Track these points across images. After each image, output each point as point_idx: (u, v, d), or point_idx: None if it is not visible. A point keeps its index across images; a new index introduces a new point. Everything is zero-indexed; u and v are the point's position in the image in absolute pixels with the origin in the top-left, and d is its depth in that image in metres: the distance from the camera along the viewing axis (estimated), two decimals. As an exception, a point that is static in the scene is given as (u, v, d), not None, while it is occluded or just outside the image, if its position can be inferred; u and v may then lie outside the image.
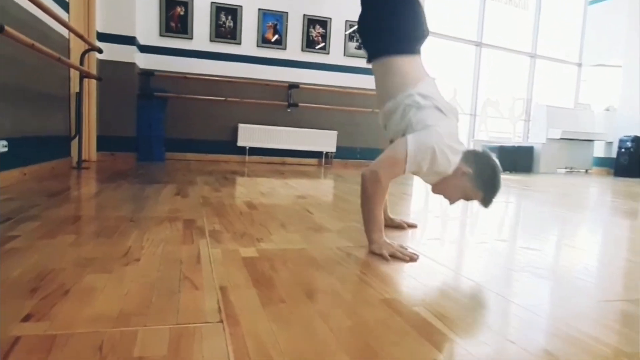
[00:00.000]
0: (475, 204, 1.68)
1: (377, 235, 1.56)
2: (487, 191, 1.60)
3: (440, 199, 1.77)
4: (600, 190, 5.16)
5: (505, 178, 5.73)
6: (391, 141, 1.73)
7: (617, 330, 0.99)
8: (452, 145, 1.58)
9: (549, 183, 5.57)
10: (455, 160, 1.58)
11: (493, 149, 7.13)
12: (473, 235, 2.06)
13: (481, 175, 1.58)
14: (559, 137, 7.29)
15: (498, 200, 1.78)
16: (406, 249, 1.54)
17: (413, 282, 1.27)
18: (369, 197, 1.57)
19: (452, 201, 1.68)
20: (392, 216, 2.06)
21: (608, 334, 0.96)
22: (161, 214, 2.02)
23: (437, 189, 1.69)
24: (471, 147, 1.69)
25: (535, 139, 7.61)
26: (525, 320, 1.02)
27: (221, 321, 0.90)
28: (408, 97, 1.62)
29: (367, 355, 0.79)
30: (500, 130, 8.53)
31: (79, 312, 0.92)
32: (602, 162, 7.95)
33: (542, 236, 2.13)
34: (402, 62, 1.69)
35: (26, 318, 0.88)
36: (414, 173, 1.65)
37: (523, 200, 3.84)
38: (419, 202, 3.30)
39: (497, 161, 1.63)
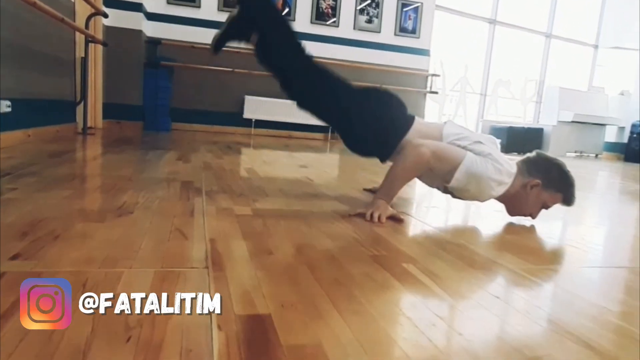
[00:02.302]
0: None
1: (382, 200, 1.50)
2: (564, 189, 1.56)
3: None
4: (609, 174, 5.09)
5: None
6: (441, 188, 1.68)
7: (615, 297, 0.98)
8: (504, 167, 1.51)
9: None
10: (508, 180, 1.52)
11: (502, 129, 7.03)
12: (472, 205, 2.04)
13: (551, 179, 1.55)
14: (570, 119, 7.16)
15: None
16: (397, 214, 1.49)
17: (406, 242, 1.26)
18: (404, 162, 1.49)
19: (534, 215, 1.61)
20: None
21: (608, 300, 0.95)
22: (161, 175, 2.02)
23: (514, 211, 1.63)
24: (525, 157, 1.64)
25: (546, 121, 7.49)
26: (513, 281, 1.01)
27: (206, 267, 0.90)
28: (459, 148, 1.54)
29: (349, 302, 0.79)
30: (510, 111, 8.39)
31: (67, 254, 0.92)
32: (612, 147, 7.82)
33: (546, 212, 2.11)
34: (414, 134, 1.61)
35: (14, 257, 0.88)
36: (455, 190, 1.58)
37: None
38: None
39: (556, 158, 1.62)
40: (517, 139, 6.91)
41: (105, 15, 3.97)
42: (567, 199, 1.56)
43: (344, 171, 2.96)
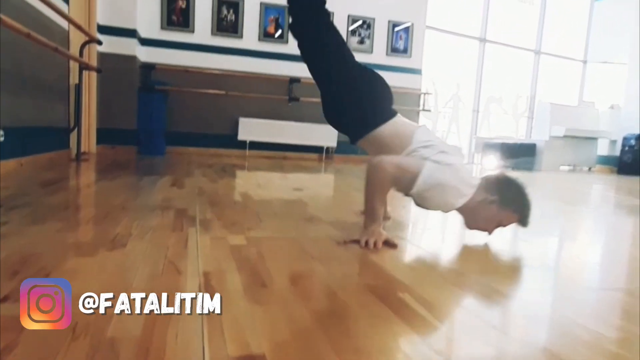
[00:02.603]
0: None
1: (371, 225, 1.49)
2: (520, 211, 1.55)
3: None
4: (603, 187, 5.12)
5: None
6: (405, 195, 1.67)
7: (614, 324, 0.97)
8: (465, 176, 1.55)
9: (551, 180, 5.53)
10: (469, 192, 1.53)
11: (495, 145, 7.09)
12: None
13: (509, 198, 1.55)
14: (562, 134, 7.23)
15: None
16: (391, 238, 1.48)
17: (401, 269, 1.25)
18: (372, 184, 1.52)
19: (490, 232, 1.61)
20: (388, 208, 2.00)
21: (605, 326, 0.94)
22: (154, 203, 2.01)
23: (471, 224, 1.63)
24: (487, 174, 1.65)
25: (538, 136, 7.55)
26: (512, 310, 1.00)
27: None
28: (412, 152, 1.58)
29: (346, 339, 0.78)
30: (503, 127, 8.47)
31: (57, 293, 0.91)
32: (605, 160, 7.88)
33: (540, 231, 2.11)
34: (390, 128, 1.66)
35: (4, 299, 0.87)
36: (417, 199, 1.59)
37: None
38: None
39: (518, 179, 1.62)
40: (511, 155, 6.96)
41: (99, 43, 4.01)
42: (523, 221, 1.56)
43: (338, 193, 2.96)
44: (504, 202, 1.54)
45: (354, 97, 1.69)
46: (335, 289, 1.04)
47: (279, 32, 5.99)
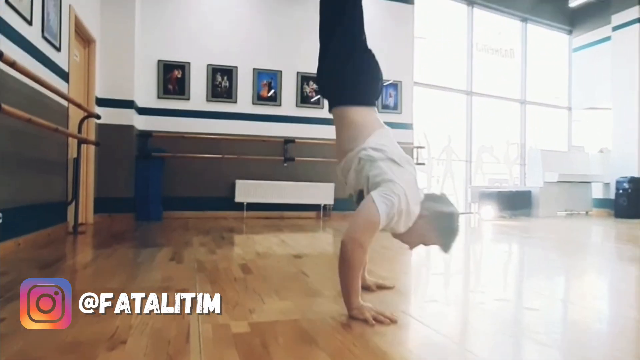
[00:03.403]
0: (479, 259, 1.65)
1: (356, 300, 1.53)
2: (444, 237, 1.62)
3: (430, 252, 1.75)
4: (602, 234, 5.12)
5: (504, 224, 5.72)
6: (350, 195, 1.78)
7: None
8: (414, 194, 1.59)
9: (549, 228, 5.52)
10: (417, 209, 1.60)
11: (492, 194, 7.14)
12: (471, 293, 2.02)
13: (437, 220, 1.61)
14: (555, 180, 7.32)
15: (499, 250, 1.75)
16: (383, 312, 1.50)
17: (408, 357, 1.22)
18: (352, 264, 1.52)
19: (411, 247, 1.70)
20: (366, 275, 1.96)
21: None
22: (153, 284, 1.99)
23: (399, 235, 1.68)
24: (430, 192, 1.71)
25: (533, 183, 7.64)
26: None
27: (205, 417, 0.86)
28: (361, 151, 1.65)
29: None
30: (497, 175, 8.58)
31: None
32: (601, 204, 7.93)
33: (544, 292, 2.09)
34: (360, 114, 1.73)
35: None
36: (383, 228, 1.62)
37: (524, 249, 3.80)
38: (413, 257, 3.26)
39: (453, 205, 1.67)
40: (507, 203, 7.01)
41: (98, 117, 4.11)
42: (445, 245, 1.63)
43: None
44: (432, 222, 1.60)
45: (352, 68, 1.75)
46: (343, 386, 1.01)
47: (272, 94, 6.17)
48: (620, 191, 7.11)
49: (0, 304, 1.62)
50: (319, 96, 6.35)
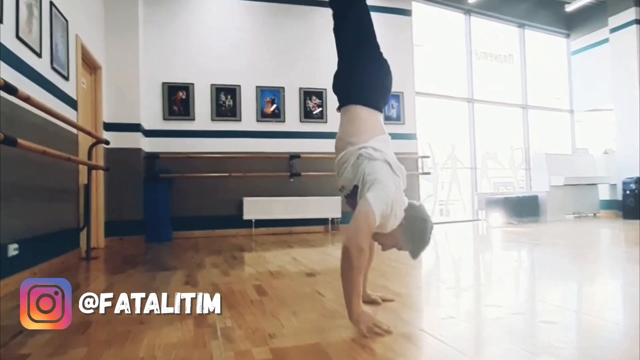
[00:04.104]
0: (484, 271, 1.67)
1: (358, 308, 1.62)
2: (415, 244, 1.74)
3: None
4: (611, 237, 5.10)
5: (513, 231, 5.71)
6: (341, 188, 1.87)
7: None
8: (400, 199, 1.71)
9: (558, 233, 5.51)
10: (402, 214, 1.72)
11: (498, 200, 7.13)
12: (487, 308, 2.03)
13: (412, 228, 1.72)
14: (562, 183, 7.31)
15: (511, 258, 1.76)
16: (381, 324, 1.59)
17: (432, 378, 1.24)
18: (356, 268, 1.59)
19: (384, 248, 1.81)
20: (369, 291, 2.05)
21: None
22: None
23: (377, 235, 1.77)
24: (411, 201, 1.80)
25: (539, 187, 7.63)
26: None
27: None
28: (362, 148, 1.76)
29: None
30: (502, 180, 8.58)
31: None
32: (609, 205, 7.90)
33: (559, 304, 2.09)
34: (365, 113, 1.85)
35: None
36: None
37: (535, 256, 3.80)
38: (423, 270, 3.27)
39: (429, 217, 1.78)
40: (514, 209, 6.99)
41: (107, 143, 4.17)
42: (414, 253, 1.76)
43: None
44: (406, 229, 1.72)
45: (366, 71, 1.89)
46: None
47: (275, 110, 6.23)
48: (628, 192, 7.09)
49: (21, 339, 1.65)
50: (321, 111, 6.41)
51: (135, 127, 5.23)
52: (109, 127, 4.98)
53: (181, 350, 1.48)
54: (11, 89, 2.18)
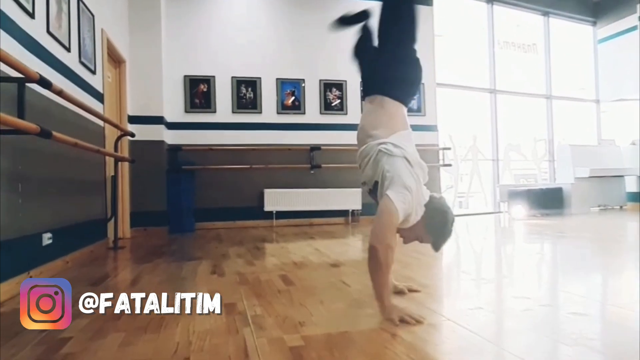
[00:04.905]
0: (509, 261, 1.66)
1: (388, 301, 1.66)
2: (436, 236, 1.76)
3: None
4: (638, 230, 4.99)
5: (537, 223, 5.64)
6: (364, 183, 1.92)
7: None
8: (419, 194, 1.74)
9: (583, 226, 5.42)
10: (422, 209, 1.75)
11: (521, 193, 7.03)
12: (514, 300, 2.02)
13: (432, 220, 1.74)
14: (587, 175, 7.17)
15: (534, 251, 1.74)
16: (412, 314, 1.61)
17: (464, 367, 1.25)
18: (385, 265, 1.64)
19: (406, 241, 1.85)
20: (395, 282, 2.06)
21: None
22: (201, 299, 2.05)
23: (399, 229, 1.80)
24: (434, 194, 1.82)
25: (563, 179, 7.49)
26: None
27: None
28: (382, 144, 1.77)
29: None
30: (525, 173, 8.45)
31: None
32: (636, 197, 7.72)
33: (586, 296, 2.07)
34: (390, 106, 1.87)
35: None
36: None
37: (559, 248, 3.75)
38: (444, 260, 3.26)
39: (450, 209, 1.79)
40: (538, 201, 6.89)
41: (132, 135, 4.25)
42: (436, 245, 1.78)
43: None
44: (427, 221, 1.74)
45: (404, 67, 1.92)
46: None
47: (295, 103, 6.25)
48: (656, 184, 6.90)
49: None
50: (340, 102, 6.40)
51: (158, 120, 5.32)
52: (133, 119, 5.07)
53: (215, 337, 1.52)
54: (46, 83, 2.24)
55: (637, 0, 7.50)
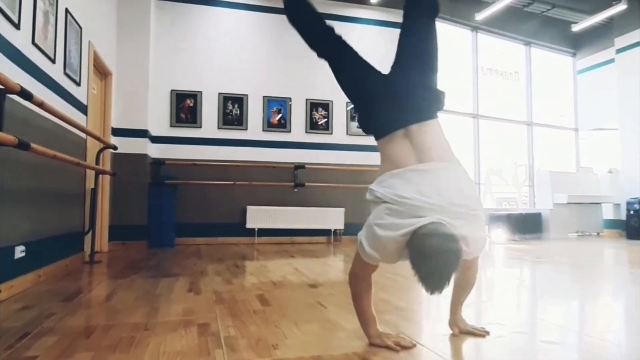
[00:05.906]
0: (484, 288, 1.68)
1: (374, 329, 1.66)
2: (419, 274, 1.41)
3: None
4: (614, 257, 5.09)
5: (516, 248, 5.70)
6: None
7: None
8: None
9: (561, 251, 5.50)
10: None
11: (501, 217, 7.13)
12: (489, 326, 2.03)
13: (413, 257, 1.42)
14: (565, 201, 7.32)
15: (512, 276, 1.75)
16: (403, 339, 1.65)
17: (433, 394, 1.25)
18: (357, 294, 1.68)
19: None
20: (462, 323, 1.85)
21: None
22: (175, 318, 2.03)
23: None
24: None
25: (542, 205, 7.64)
26: None
27: None
28: (381, 181, 1.70)
29: None
30: (505, 197, 8.58)
31: None
32: (612, 224, 7.89)
33: (561, 323, 2.10)
34: (383, 143, 1.82)
35: None
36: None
37: (537, 273, 3.80)
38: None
39: (432, 245, 1.37)
40: (517, 225, 6.99)
41: (115, 148, 4.22)
42: (422, 284, 1.42)
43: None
44: (410, 258, 1.44)
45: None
46: None
47: (281, 120, 6.28)
48: (632, 212, 7.08)
49: (28, 341, 1.67)
50: (326, 121, 6.46)
51: (142, 133, 5.29)
52: (117, 132, 5.04)
53: (185, 358, 1.50)
54: (27, 95, 2.22)
55: (615, 34, 7.79)
